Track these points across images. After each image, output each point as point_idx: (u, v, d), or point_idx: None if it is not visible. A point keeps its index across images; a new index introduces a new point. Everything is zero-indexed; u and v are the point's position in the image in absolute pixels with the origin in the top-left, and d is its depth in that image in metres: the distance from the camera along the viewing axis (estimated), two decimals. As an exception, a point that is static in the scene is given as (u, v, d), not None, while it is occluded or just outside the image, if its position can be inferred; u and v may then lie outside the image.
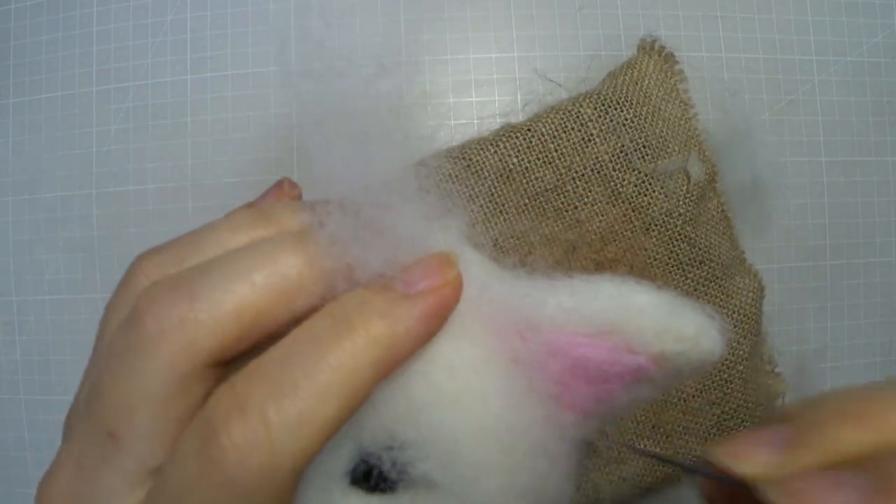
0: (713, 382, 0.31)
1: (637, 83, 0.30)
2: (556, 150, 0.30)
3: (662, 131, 0.30)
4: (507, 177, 0.30)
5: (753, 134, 0.34)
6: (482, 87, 0.34)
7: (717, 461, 0.15)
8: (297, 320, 0.16)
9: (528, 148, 0.30)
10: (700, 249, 0.30)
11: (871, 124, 0.35)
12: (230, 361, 0.16)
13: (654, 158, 0.30)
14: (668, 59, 0.31)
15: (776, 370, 0.33)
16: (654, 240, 0.30)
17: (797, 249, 0.35)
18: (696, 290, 0.31)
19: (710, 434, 0.31)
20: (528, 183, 0.30)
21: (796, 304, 0.35)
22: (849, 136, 0.35)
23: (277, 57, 0.34)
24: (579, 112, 0.30)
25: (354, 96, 0.17)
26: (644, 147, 0.30)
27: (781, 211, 0.35)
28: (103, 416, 0.15)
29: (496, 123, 0.34)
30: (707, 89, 0.34)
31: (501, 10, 0.35)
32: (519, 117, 0.31)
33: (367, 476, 0.17)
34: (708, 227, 0.31)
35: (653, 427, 0.31)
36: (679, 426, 0.31)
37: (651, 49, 0.31)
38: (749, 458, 0.15)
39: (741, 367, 0.31)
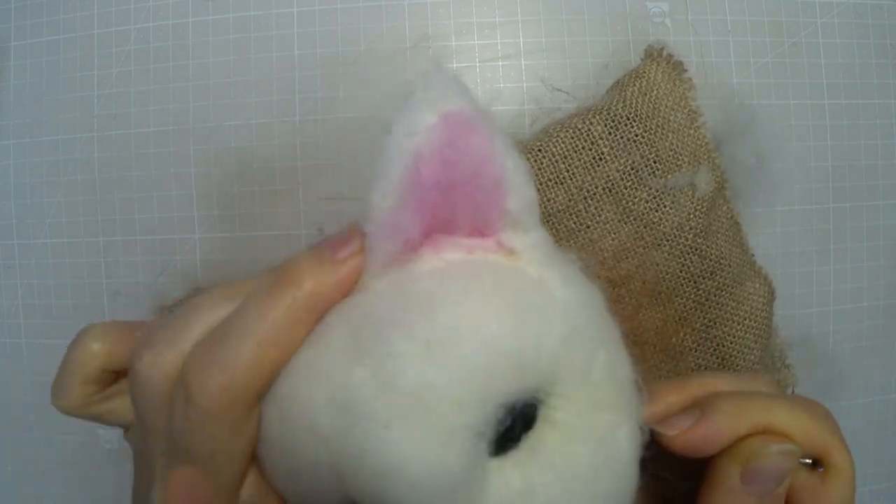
0: None
1: (645, 94, 0.30)
2: (568, 171, 0.30)
3: (673, 144, 0.29)
4: None
5: (755, 118, 0.33)
6: (484, 29, 0.34)
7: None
8: None
9: (540, 169, 0.30)
10: (711, 261, 0.30)
11: (873, 66, 0.35)
12: None
13: (664, 173, 0.29)
14: (677, 66, 0.31)
15: (787, 363, 0.32)
16: (666, 254, 0.30)
17: (800, 192, 0.35)
18: (707, 300, 0.30)
19: None
20: (540, 204, 0.29)
21: (799, 248, 0.35)
22: (851, 78, 0.35)
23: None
24: (590, 130, 0.30)
25: None
26: (654, 162, 0.29)
27: (784, 154, 0.35)
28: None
29: (497, 67, 0.34)
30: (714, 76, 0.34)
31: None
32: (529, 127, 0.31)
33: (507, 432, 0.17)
34: (718, 236, 0.31)
35: None
36: None
37: (658, 56, 0.31)
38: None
39: (753, 370, 0.30)
